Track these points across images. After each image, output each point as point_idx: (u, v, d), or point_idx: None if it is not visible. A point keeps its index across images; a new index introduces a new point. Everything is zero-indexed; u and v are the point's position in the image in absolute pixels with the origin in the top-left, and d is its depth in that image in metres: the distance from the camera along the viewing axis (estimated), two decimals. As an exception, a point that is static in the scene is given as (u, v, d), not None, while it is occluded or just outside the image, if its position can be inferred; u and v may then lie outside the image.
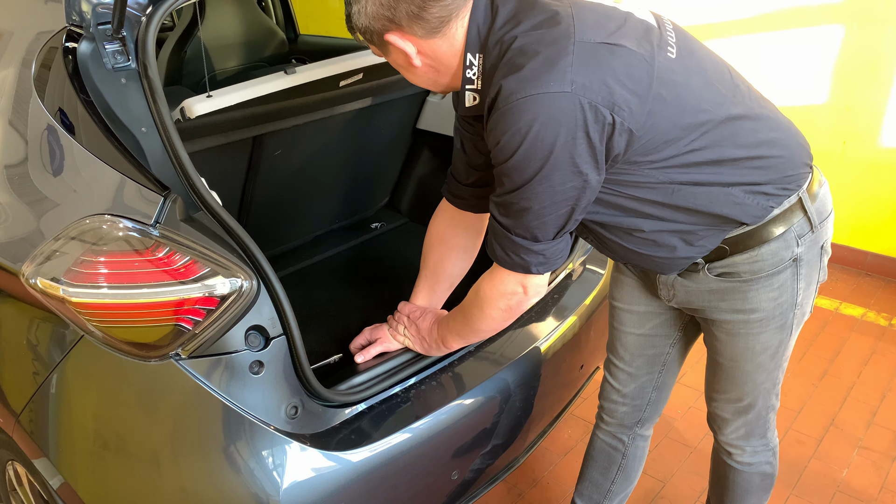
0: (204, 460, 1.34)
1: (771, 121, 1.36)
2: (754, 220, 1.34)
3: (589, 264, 2.09)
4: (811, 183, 1.41)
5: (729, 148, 1.29)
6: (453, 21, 1.25)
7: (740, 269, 1.38)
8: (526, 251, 1.30)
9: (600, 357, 2.22)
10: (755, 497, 1.73)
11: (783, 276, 1.39)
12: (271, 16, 3.36)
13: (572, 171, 1.19)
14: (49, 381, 1.43)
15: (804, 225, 1.38)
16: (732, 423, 1.61)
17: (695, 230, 1.35)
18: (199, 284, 1.27)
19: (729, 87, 1.32)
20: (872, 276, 3.57)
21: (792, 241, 1.37)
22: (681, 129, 1.24)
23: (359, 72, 1.91)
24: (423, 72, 1.33)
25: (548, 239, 1.29)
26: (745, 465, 1.67)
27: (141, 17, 1.42)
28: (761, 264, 1.37)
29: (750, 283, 1.38)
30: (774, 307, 1.41)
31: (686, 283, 1.45)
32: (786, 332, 1.46)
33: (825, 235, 1.45)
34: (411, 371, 1.62)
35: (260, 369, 1.35)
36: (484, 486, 1.82)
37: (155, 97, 1.39)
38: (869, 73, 3.30)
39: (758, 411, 1.58)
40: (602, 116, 1.16)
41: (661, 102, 1.21)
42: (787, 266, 1.38)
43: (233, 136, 1.94)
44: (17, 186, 1.47)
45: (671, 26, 1.33)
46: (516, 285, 1.37)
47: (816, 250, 1.43)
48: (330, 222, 2.60)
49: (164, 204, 1.29)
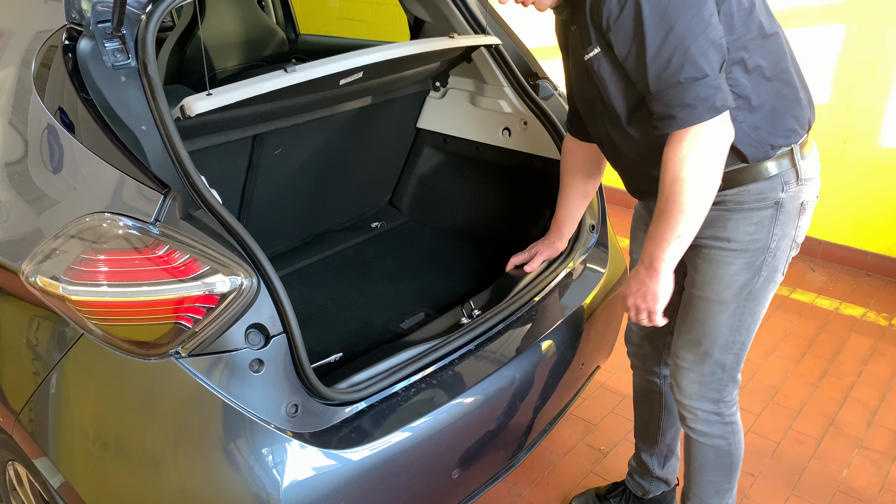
0: (204, 459, 1.34)
1: (798, 68, 1.53)
2: (753, 159, 1.48)
3: (589, 263, 2.09)
4: (805, 143, 1.55)
5: (777, 60, 1.44)
6: None
7: (728, 199, 1.51)
8: (704, 88, 1.31)
9: (600, 356, 2.22)
10: (712, 473, 1.78)
11: (762, 215, 1.51)
12: (271, 15, 3.36)
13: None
14: (49, 379, 1.42)
15: (791, 175, 1.51)
16: (688, 373, 1.68)
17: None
18: (199, 282, 1.27)
19: (775, 24, 1.48)
20: (872, 276, 3.57)
21: (778, 185, 1.51)
22: (743, 28, 1.38)
23: (359, 70, 1.91)
24: None
25: (715, 71, 1.31)
26: (700, 435, 1.74)
27: (141, 16, 1.42)
28: (746, 197, 1.51)
29: (732, 212, 1.52)
30: (748, 241, 1.53)
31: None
32: (752, 274, 1.55)
33: (806, 195, 1.56)
34: (412, 370, 1.62)
35: (260, 367, 1.35)
36: (484, 486, 1.81)
37: (155, 95, 1.39)
38: (869, 73, 3.30)
39: (712, 365, 1.65)
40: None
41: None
42: (768, 206, 1.51)
43: (233, 135, 1.94)
44: (17, 184, 1.47)
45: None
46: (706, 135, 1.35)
47: (796, 204, 1.54)
48: (330, 221, 2.59)
49: (164, 202, 1.29)
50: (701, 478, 1.81)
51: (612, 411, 2.63)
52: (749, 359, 2.91)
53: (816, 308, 3.29)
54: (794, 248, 1.59)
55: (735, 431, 1.74)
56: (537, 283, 1.95)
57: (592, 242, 2.12)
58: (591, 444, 2.47)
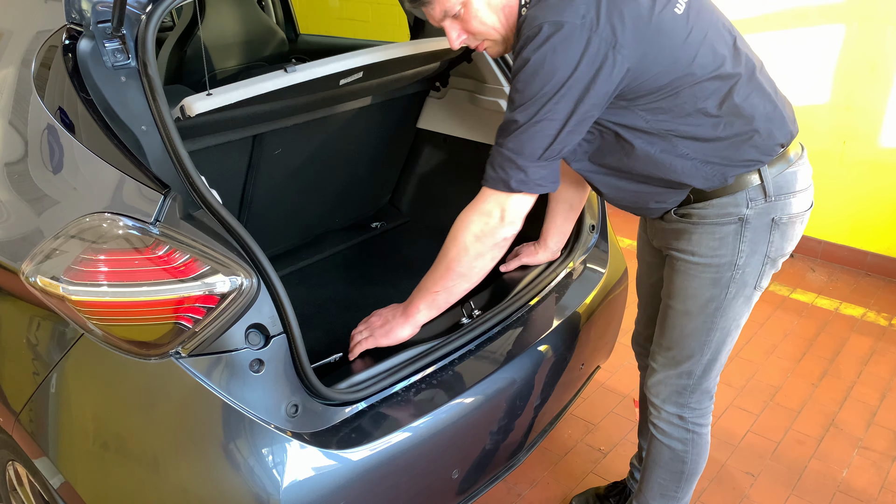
0: (204, 459, 1.34)
1: (762, 92, 1.49)
2: (709, 189, 1.50)
3: (589, 263, 2.09)
4: (779, 159, 1.52)
5: (711, 102, 1.43)
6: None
7: (693, 212, 1.54)
8: (511, 165, 1.41)
9: (600, 356, 2.22)
10: (662, 474, 1.81)
11: (725, 230, 1.52)
12: (271, 15, 3.36)
13: (568, 95, 1.34)
14: (49, 380, 1.42)
15: (757, 192, 1.50)
16: (657, 374, 1.72)
17: (665, 191, 1.54)
18: (199, 283, 1.27)
19: (728, 50, 1.45)
20: (872, 276, 3.57)
21: (742, 201, 1.50)
22: (671, 77, 1.39)
23: (359, 70, 1.91)
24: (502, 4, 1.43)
25: (533, 157, 1.40)
26: (659, 432, 1.77)
27: (141, 16, 1.42)
28: (709, 211, 1.52)
29: (697, 226, 1.54)
30: (712, 257, 1.54)
31: (660, 223, 1.64)
32: (719, 290, 1.56)
33: (782, 211, 1.53)
34: (411, 370, 1.62)
35: (260, 368, 1.35)
36: (484, 486, 1.81)
37: (155, 95, 1.39)
38: (869, 73, 3.30)
39: (680, 372, 1.67)
40: (604, 52, 1.32)
41: (657, 49, 1.37)
42: (731, 222, 1.51)
43: (233, 135, 1.94)
44: (18, 184, 1.47)
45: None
46: (494, 205, 1.46)
47: (766, 220, 1.52)
48: (330, 221, 2.59)
49: (164, 202, 1.29)
50: (650, 475, 1.84)
51: (612, 411, 2.63)
52: (749, 359, 2.91)
53: (816, 308, 3.29)
54: (770, 263, 1.57)
55: (695, 442, 1.75)
56: (537, 283, 1.95)
57: (592, 242, 2.12)
58: (591, 444, 2.47)
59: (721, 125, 1.45)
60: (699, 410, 1.72)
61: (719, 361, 1.67)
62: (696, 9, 1.43)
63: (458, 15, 1.45)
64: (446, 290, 1.56)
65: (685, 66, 1.40)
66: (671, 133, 1.45)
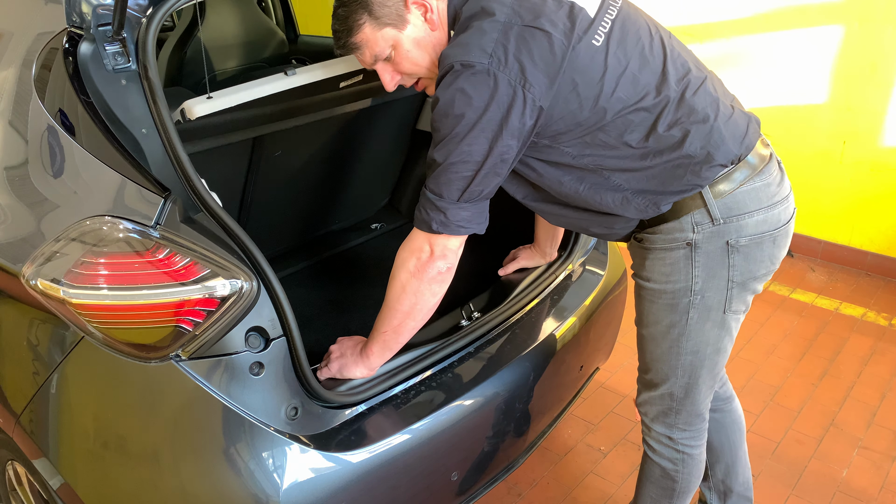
0: (204, 461, 1.34)
1: (695, 114, 1.41)
2: (645, 216, 1.48)
3: (588, 265, 2.09)
4: (723, 180, 1.44)
5: (636, 135, 1.40)
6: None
7: (644, 237, 1.52)
8: (432, 206, 1.41)
9: (600, 358, 2.22)
10: (653, 490, 1.79)
11: (675, 255, 1.49)
12: (271, 16, 3.36)
13: (481, 136, 1.33)
14: (49, 381, 1.43)
15: (702, 215, 1.45)
16: (644, 394, 1.71)
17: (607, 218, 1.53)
18: (199, 286, 1.27)
19: (654, 77, 1.40)
20: (872, 276, 3.57)
21: (687, 225, 1.46)
22: (590, 111, 1.37)
23: (359, 73, 1.91)
24: (431, 43, 1.44)
25: (452, 199, 1.40)
26: (650, 450, 1.75)
27: (141, 19, 1.42)
28: (656, 238, 1.50)
29: (648, 251, 1.52)
30: (665, 282, 1.51)
31: (628, 246, 1.63)
32: (678, 316, 1.53)
33: (738, 233, 1.46)
34: (411, 372, 1.62)
35: (260, 370, 1.35)
36: (484, 487, 1.82)
37: (155, 98, 1.39)
38: (869, 73, 3.30)
39: (661, 393, 1.64)
40: (512, 91, 1.31)
41: (571, 85, 1.35)
42: (679, 247, 1.48)
43: (233, 138, 1.94)
44: (18, 188, 1.47)
45: (614, 14, 1.42)
46: (423, 242, 1.46)
47: (720, 243, 1.46)
48: (330, 223, 2.60)
49: (164, 205, 1.30)
50: (642, 490, 1.83)
51: (612, 411, 2.64)
52: (749, 359, 2.92)
53: (816, 308, 3.29)
54: (737, 287, 1.49)
55: (686, 462, 1.71)
56: (536, 285, 1.96)
57: (592, 244, 2.12)
58: (591, 444, 2.48)
59: (649, 155, 1.41)
60: (689, 432, 1.68)
61: (700, 384, 1.60)
62: (617, 37, 1.39)
63: (390, 58, 1.46)
64: (394, 331, 1.53)
65: (604, 101, 1.37)
66: (600, 167, 1.43)
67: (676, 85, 1.41)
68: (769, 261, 1.51)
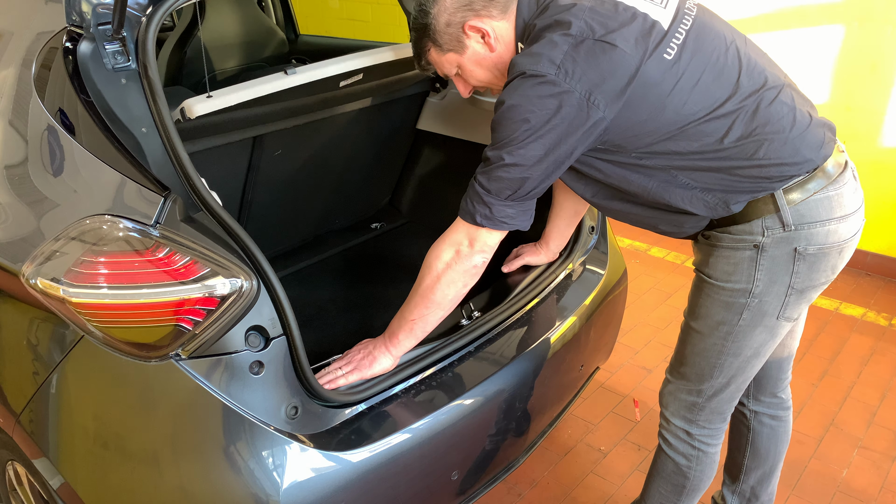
0: (204, 460, 1.34)
1: (772, 124, 1.40)
2: (715, 216, 1.49)
3: (589, 264, 2.09)
4: (796, 187, 1.43)
5: (707, 140, 1.40)
6: (511, 2, 1.48)
7: (713, 235, 1.53)
8: (479, 200, 1.45)
9: (600, 357, 2.22)
10: (663, 485, 1.80)
11: (740, 255, 1.49)
12: (271, 16, 3.36)
13: (539, 143, 1.37)
14: (49, 381, 1.43)
15: (773, 220, 1.45)
16: (669, 386, 1.72)
17: (676, 217, 1.53)
18: (199, 285, 1.27)
19: (728, 88, 1.40)
20: (872, 276, 3.57)
21: (757, 228, 1.46)
22: (658, 123, 1.39)
23: (359, 72, 1.91)
24: (492, 62, 1.52)
25: (500, 196, 1.43)
26: (665, 444, 1.76)
27: (141, 18, 1.42)
28: (725, 237, 1.50)
29: (714, 248, 1.53)
30: (726, 281, 1.52)
31: (693, 243, 1.63)
32: (731, 315, 1.53)
33: (807, 241, 1.45)
34: (411, 371, 1.62)
35: (260, 369, 1.35)
36: (484, 487, 1.82)
37: (155, 97, 1.39)
38: (869, 73, 3.30)
39: (690, 388, 1.66)
40: (577, 104, 1.33)
41: (640, 99, 1.36)
42: (746, 247, 1.48)
43: (233, 137, 1.94)
44: (18, 187, 1.47)
45: (689, 24, 1.42)
46: (463, 235, 1.50)
47: (787, 249, 1.46)
48: (330, 222, 2.60)
49: (164, 204, 1.29)
50: (652, 484, 1.83)
51: (612, 411, 2.64)
52: (749, 359, 2.91)
53: (816, 308, 3.29)
54: (795, 294, 1.50)
55: (700, 460, 1.72)
56: (537, 284, 1.96)
57: (592, 244, 2.12)
58: (591, 444, 2.48)
59: (721, 157, 1.41)
60: (708, 430, 1.69)
61: (733, 387, 1.62)
62: (691, 49, 1.39)
63: (459, 74, 1.59)
64: (422, 319, 1.57)
65: (673, 114, 1.37)
66: (668, 167, 1.44)
67: (751, 96, 1.41)
68: (831, 271, 1.51)
